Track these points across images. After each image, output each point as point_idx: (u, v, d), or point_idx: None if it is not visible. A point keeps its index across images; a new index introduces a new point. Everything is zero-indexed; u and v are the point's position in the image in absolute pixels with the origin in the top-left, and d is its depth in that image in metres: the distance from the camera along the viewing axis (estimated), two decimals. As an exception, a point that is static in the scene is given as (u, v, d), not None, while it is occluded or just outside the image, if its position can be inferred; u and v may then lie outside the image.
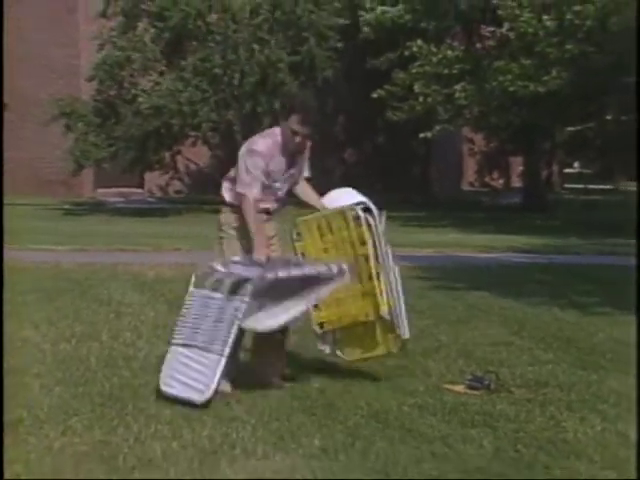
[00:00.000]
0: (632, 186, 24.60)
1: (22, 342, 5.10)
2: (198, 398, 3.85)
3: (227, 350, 3.93)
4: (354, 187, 4.55)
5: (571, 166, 27.13)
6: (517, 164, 23.21)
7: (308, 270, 4.07)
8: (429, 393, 4.14)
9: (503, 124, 17.55)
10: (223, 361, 3.92)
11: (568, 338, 5.47)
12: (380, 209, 4.32)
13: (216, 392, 3.89)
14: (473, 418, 3.77)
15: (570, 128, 18.01)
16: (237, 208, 4.17)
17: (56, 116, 16.91)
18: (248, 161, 4.10)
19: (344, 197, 4.44)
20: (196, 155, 18.93)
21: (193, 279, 4.16)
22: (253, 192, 4.08)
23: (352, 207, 4.29)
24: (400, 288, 4.32)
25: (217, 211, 4.39)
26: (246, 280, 3.96)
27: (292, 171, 4.29)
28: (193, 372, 3.92)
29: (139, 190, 21.02)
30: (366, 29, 16.17)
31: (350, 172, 22.06)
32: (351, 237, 4.27)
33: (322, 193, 4.48)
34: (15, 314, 5.74)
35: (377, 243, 4.26)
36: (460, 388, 4.23)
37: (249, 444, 3.39)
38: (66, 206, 17.57)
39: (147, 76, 16.85)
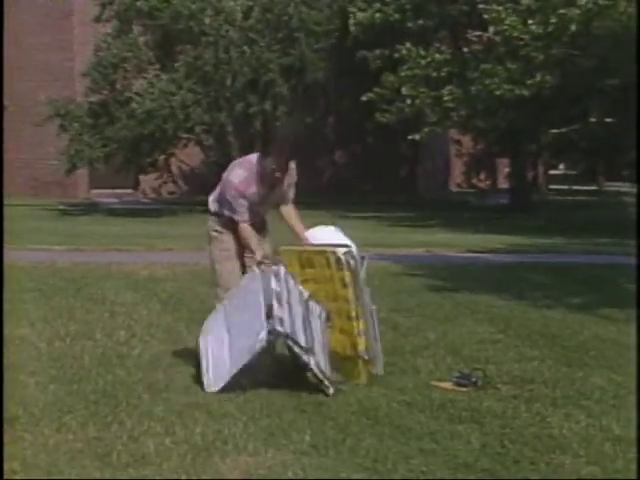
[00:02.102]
0: (615, 187, 24.82)
1: (18, 340, 5.12)
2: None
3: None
4: (344, 187, 4.61)
5: (556, 167, 27.25)
6: (503, 166, 23.32)
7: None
8: (418, 390, 4.18)
9: (490, 126, 17.66)
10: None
11: (553, 335, 5.52)
12: (362, 257, 4.34)
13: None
14: (461, 414, 3.81)
15: (555, 130, 18.13)
16: (219, 216, 4.60)
17: (50, 116, 16.86)
18: (228, 195, 4.53)
19: (328, 236, 4.47)
20: (188, 156, 18.91)
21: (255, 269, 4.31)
22: (244, 218, 4.55)
23: (334, 250, 4.28)
24: (377, 328, 4.38)
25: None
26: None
27: (272, 197, 4.55)
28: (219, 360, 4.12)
29: (133, 191, 21.01)
30: (353, 28, 16.19)
31: (340, 173, 22.10)
32: (332, 277, 4.29)
33: (314, 193, 4.53)
34: (12, 312, 5.76)
35: (357, 286, 4.27)
36: (448, 385, 4.28)
37: (241, 441, 3.42)
38: (61, 207, 17.53)
39: (140, 79, 16.83)
